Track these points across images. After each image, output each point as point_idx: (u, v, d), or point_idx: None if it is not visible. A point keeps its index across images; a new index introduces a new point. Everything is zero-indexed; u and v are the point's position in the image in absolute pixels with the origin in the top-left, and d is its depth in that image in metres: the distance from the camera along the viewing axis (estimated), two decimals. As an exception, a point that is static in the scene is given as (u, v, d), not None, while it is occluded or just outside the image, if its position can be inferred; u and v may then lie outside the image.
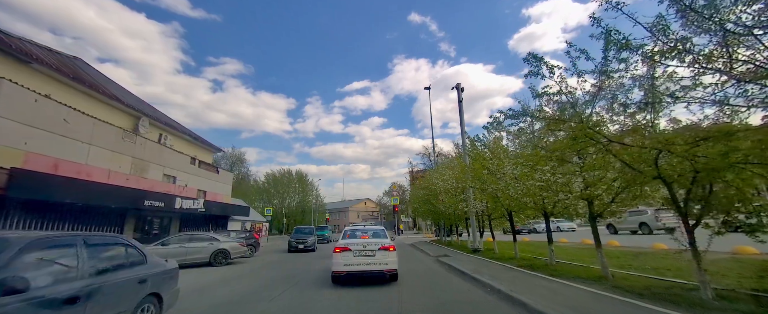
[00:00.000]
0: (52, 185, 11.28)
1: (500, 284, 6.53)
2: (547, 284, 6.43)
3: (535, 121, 5.46)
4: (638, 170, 4.75)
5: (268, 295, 6.83)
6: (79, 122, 13.14)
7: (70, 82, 13.80)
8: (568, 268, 8.03)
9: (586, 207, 7.58)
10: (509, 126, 5.66)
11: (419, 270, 9.87)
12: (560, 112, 5.00)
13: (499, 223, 14.52)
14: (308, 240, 19.03)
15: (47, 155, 11.67)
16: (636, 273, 7.12)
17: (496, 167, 8.90)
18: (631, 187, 5.49)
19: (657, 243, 13.40)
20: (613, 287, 5.76)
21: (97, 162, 13.73)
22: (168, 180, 18.47)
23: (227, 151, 56.91)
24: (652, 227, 19.86)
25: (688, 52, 3.58)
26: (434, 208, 19.83)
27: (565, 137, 5.06)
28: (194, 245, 12.19)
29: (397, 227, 43.19)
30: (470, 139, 10.31)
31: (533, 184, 7.16)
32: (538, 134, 7.82)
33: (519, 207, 9.40)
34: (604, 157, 5.14)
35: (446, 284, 7.58)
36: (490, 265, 9.67)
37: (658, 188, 5.94)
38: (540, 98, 5.15)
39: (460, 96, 15.40)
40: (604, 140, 4.57)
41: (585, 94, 4.76)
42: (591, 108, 4.81)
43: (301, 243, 18.71)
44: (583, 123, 4.45)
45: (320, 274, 9.44)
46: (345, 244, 7.59)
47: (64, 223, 12.45)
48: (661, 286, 5.68)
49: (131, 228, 15.79)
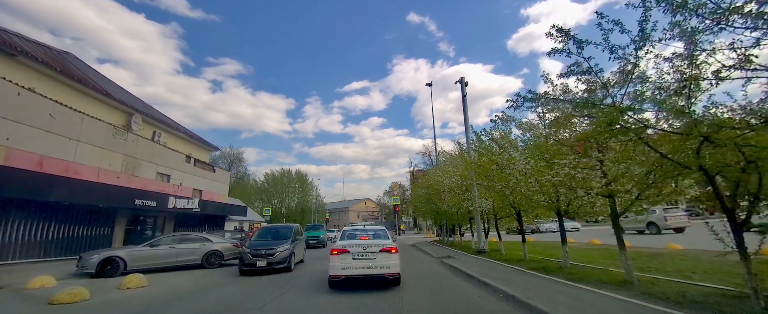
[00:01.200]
0: (36, 183, 10.70)
1: (514, 289, 5.92)
2: (566, 290, 5.82)
3: (557, 106, 4.85)
4: (677, 161, 4.15)
5: (259, 302, 6.24)
6: (66, 117, 12.56)
7: (57, 76, 13.21)
8: (585, 271, 7.42)
9: (605, 205, 6.98)
10: (529, 109, 5.06)
11: (423, 273, 9.27)
12: (589, 94, 4.40)
13: (505, 223, 13.90)
14: (276, 250, 10.20)
15: (31, 151, 11.09)
16: (661, 277, 6.51)
17: (507, 162, 8.28)
18: (660, 182, 4.88)
19: (670, 243, 12.82)
20: (642, 293, 5.15)
21: (85, 160, 13.14)
22: (162, 178, 17.89)
23: (225, 150, 56.41)
24: (661, 227, 19.30)
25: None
26: (437, 208, 19.21)
27: (593, 123, 4.45)
28: (185, 246, 11.58)
29: (397, 227, 42.56)
30: (477, 133, 9.70)
31: (549, 180, 6.54)
32: (549, 126, 7.22)
33: (530, 205, 8.79)
34: (634, 147, 4.54)
35: (453, 289, 6.97)
36: (499, 268, 9.06)
37: (692, 184, 5.37)
38: (566, 77, 4.53)
39: (463, 90, 14.81)
40: (639, 126, 3.98)
41: (619, 72, 4.15)
42: (625, 89, 4.21)
43: (263, 256, 10.00)
44: (616, 106, 3.86)
45: (318, 277, 8.84)
46: (343, 246, 6.98)
47: (49, 223, 11.87)
48: (697, 292, 5.07)
49: (122, 228, 15.20)
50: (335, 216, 71.70)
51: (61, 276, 9.91)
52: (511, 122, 8.28)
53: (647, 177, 4.87)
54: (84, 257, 10.21)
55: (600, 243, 15.20)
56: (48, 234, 11.82)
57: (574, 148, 5.95)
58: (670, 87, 4.04)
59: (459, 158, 16.19)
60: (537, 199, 7.98)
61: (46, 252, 11.63)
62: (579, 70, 4.34)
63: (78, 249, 12.48)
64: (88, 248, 12.78)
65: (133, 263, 10.41)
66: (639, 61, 3.96)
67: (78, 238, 12.92)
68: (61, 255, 12.12)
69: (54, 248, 11.97)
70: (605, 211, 7.39)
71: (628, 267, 5.79)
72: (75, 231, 12.83)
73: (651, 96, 4.02)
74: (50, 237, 11.89)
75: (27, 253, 10.98)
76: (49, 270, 9.93)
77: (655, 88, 4.19)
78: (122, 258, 10.35)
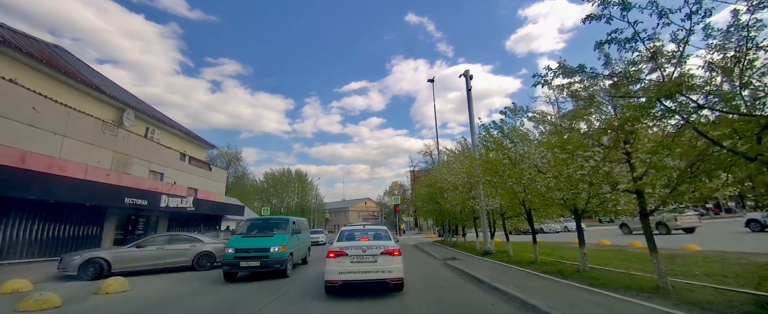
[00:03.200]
0: (17, 180, 10.06)
1: (532, 297, 5.26)
2: (592, 297, 5.17)
3: (597, 79, 4.19)
4: (732, 150, 3.50)
5: (247, 309, 5.61)
6: (52, 111, 11.91)
7: (42, 68, 12.58)
8: (607, 275, 6.77)
9: (630, 202, 6.33)
10: (559, 90, 4.41)
11: (427, 277, 8.61)
12: (633, 68, 3.75)
13: (511, 223, 13.24)
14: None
15: (12, 146, 10.44)
16: (694, 282, 5.86)
17: (520, 157, 7.62)
18: (706, 176, 4.23)
19: (683, 244, 12.17)
20: (682, 302, 4.50)
21: (72, 156, 12.50)
22: (155, 176, 17.24)
23: (223, 150, 55.78)
24: (671, 227, 18.66)
25: None
26: (440, 207, 18.55)
27: (627, 108, 3.81)
28: (174, 247, 10.90)
29: (398, 227, 41.88)
30: (486, 127, 9.03)
31: (571, 174, 5.88)
32: (569, 117, 6.58)
33: (543, 204, 8.13)
34: (679, 134, 3.90)
35: (461, 295, 6.32)
36: (510, 271, 8.40)
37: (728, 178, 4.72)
38: (602, 48, 3.85)
39: (468, 84, 14.15)
40: (688, 108, 3.34)
41: (673, 39, 3.49)
42: (675, 66, 3.54)
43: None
44: (672, 79, 3.23)
45: (314, 282, 8.18)
46: (341, 247, 6.31)
47: (32, 222, 11.23)
48: (742, 301, 4.42)
49: (112, 227, 14.56)
50: (335, 216, 71.14)
51: (40, 278, 9.29)
52: (524, 113, 7.64)
53: (689, 170, 4.21)
54: (65, 258, 9.57)
55: (610, 243, 14.55)
56: (31, 234, 11.18)
57: (599, 139, 5.30)
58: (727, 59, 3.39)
59: (462, 156, 15.53)
60: (552, 197, 7.32)
61: (28, 252, 10.99)
62: (622, 38, 3.68)
63: (64, 250, 11.84)
64: (75, 248, 12.14)
65: (117, 265, 9.76)
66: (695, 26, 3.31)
67: (64, 238, 12.27)
68: (45, 256, 11.47)
69: (37, 248, 11.33)
70: (629, 210, 6.75)
71: (661, 271, 5.13)
72: (60, 231, 12.19)
73: (708, 73, 3.36)
74: (33, 237, 11.24)
75: (7, 254, 10.34)
76: (28, 273, 9.31)
77: (706, 64, 3.54)
78: (106, 259, 9.71)
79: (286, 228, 9.42)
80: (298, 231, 10.06)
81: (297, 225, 10.35)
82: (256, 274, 8.57)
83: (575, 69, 4.06)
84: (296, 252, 9.81)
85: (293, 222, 10.04)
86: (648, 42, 3.60)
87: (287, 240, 8.84)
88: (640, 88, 3.71)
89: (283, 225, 9.57)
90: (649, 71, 3.80)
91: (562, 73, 4.20)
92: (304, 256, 11.36)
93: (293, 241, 9.42)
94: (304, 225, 12.27)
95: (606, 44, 3.72)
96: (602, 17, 3.62)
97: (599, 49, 3.86)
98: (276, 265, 8.29)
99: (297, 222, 10.70)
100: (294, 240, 9.56)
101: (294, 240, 9.56)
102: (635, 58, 3.80)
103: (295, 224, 10.09)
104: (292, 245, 9.22)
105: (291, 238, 9.20)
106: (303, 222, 11.98)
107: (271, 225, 9.72)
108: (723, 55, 3.67)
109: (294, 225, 9.89)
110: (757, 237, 13.83)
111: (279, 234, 8.98)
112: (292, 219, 10.17)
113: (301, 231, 11.33)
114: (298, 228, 9.97)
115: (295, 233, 9.73)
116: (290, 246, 8.95)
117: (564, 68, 4.15)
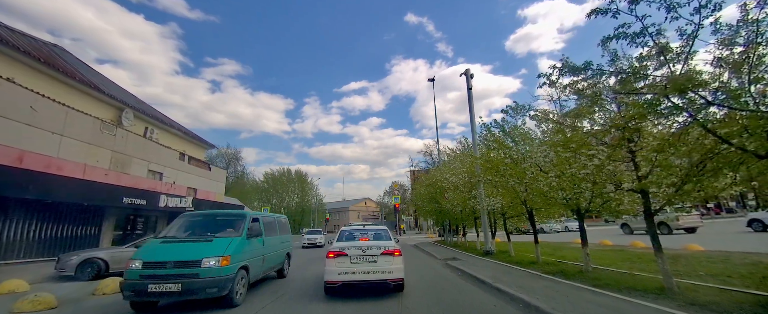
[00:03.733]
0: (14, 179, 9.98)
1: (535, 299, 5.18)
2: (596, 298, 5.09)
3: (602, 77, 4.12)
4: (741, 147, 3.42)
5: (247, 309, 5.53)
6: (50, 110, 11.83)
7: (40, 67, 12.51)
8: (610, 276, 6.68)
9: (634, 202, 6.24)
10: (565, 88, 4.33)
11: (428, 277, 8.53)
12: (641, 63, 3.68)
13: (513, 223, 13.15)
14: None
15: (10, 146, 10.35)
16: (698, 282, 5.78)
17: (522, 156, 7.54)
18: (713, 174, 4.15)
19: (684, 243, 12.07)
20: (689, 304, 4.41)
21: (70, 156, 12.42)
22: (154, 176, 17.16)
23: (223, 149, 55.67)
24: (672, 227, 18.59)
25: None
26: (440, 207, 18.47)
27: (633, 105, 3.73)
28: (173, 247, 10.78)
29: (398, 227, 41.80)
30: (487, 126, 8.95)
31: (574, 174, 5.80)
32: (571, 115, 6.49)
33: (545, 203, 8.05)
34: (686, 132, 3.82)
35: (462, 296, 6.24)
36: (512, 271, 8.32)
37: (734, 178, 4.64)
38: (607, 45, 3.77)
39: (469, 82, 14.08)
40: (701, 101, 3.26)
41: (681, 34, 3.41)
42: (683, 62, 3.47)
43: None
44: (683, 74, 3.15)
45: (313, 282, 8.09)
46: (340, 248, 6.23)
47: (30, 221, 11.16)
48: (750, 302, 4.34)
49: (111, 227, 14.49)
50: (335, 216, 71.08)
51: (37, 279, 9.20)
52: (525, 111, 7.55)
53: (695, 169, 4.13)
54: (62, 258, 9.48)
55: (611, 243, 14.47)
56: (28, 234, 11.11)
57: (603, 137, 5.22)
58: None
59: (463, 155, 15.44)
60: (554, 196, 7.23)
61: (25, 252, 10.92)
62: (631, 33, 3.60)
63: (61, 250, 11.78)
64: (73, 248, 12.08)
65: (116, 265, 9.68)
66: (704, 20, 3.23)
67: (61, 238, 12.21)
68: (43, 256, 11.41)
69: (35, 248, 11.27)
70: (632, 209, 6.67)
71: (667, 272, 5.05)
72: (58, 231, 12.12)
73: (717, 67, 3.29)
74: (31, 236, 11.18)
75: (4, 254, 10.27)
76: (26, 273, 9.23)
77: (715, 60, 3.46)
78: (104, 259, 9.63)
79: (239, 228, 6.32)
80: (259, 233, 6.80)
81: (264, 225, 7.31)
82: (178, 303, 5.60)
83: (582, 67, 3.98)
84: (258, 264, 6.78)
85: (254, 219, 6.88)
86: (657, 36, 3.52)
87: (234, 248, 5.67)
88: (648, 84, 3.64)
89: (235, 224, 6.48)
90: (654, 68, 3.73)
91: (569, 71, 4.12)
92: (281, 267, 8.55)
93: (251, 248, 6.42)
94: (282, 224, 9.21)
95: (613, 39, 3.65)
96: (608, 11, 3.56)
97: (605, 45, 3.78)
98: (211, 290, 5.06)
99: (267, 221, 7.83)
100: (252, 246, 6.49)
101: (252, 246, 6.49)
102: (643, 53, 3.72)
103: (258, 222, 6.93)
104: (247, 255, 6.19)
105: (244, 244, 6.11)
106: (280, 221, 9.08)
107: (214, 223, 6.59)
108: (731, 51, 3.61)
109: (255, 224, 6.75)
110: (759, 237, 13.73)
111: (221, 238, 5.83)
112: (253, 216, 6.97)
113: (277, 232, 8.49)
114: (259, 230, 6.84)
115: (255, 236, 6.59)
116: (241, 257, 5.85)
117: (570, 66, 4.07)
